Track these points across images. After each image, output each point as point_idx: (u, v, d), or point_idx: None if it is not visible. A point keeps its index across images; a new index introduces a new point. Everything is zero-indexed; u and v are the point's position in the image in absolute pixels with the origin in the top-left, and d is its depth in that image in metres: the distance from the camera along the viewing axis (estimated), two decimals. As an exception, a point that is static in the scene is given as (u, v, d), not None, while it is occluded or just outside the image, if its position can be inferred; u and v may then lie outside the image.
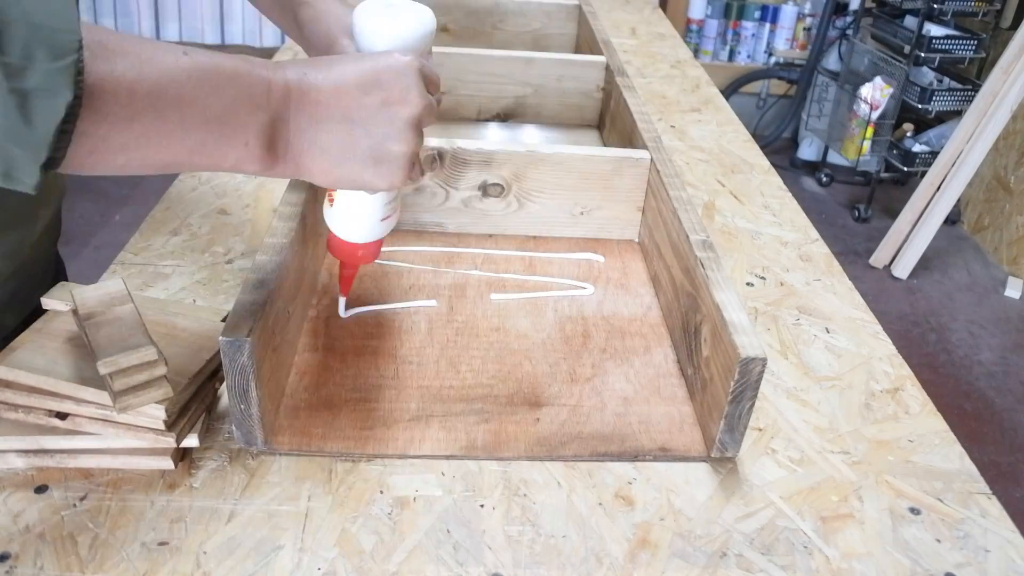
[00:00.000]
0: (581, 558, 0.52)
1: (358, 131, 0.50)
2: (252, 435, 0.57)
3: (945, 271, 2.68)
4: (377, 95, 0.50)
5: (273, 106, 0.48)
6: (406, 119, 0.51)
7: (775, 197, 1.01)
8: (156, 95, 0.42)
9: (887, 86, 2.78)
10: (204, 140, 0.45)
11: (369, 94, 0.50)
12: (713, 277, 0.63)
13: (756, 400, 0.57)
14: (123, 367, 0.53)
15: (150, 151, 0.44)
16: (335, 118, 0.50)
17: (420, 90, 0.52)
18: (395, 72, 0.51)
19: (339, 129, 0.50)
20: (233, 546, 0.51)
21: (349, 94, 0.50)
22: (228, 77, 0.46)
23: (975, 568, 0.53)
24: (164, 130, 0.43)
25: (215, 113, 0.45)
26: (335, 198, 0.61)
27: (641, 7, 1.80)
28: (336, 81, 0.50)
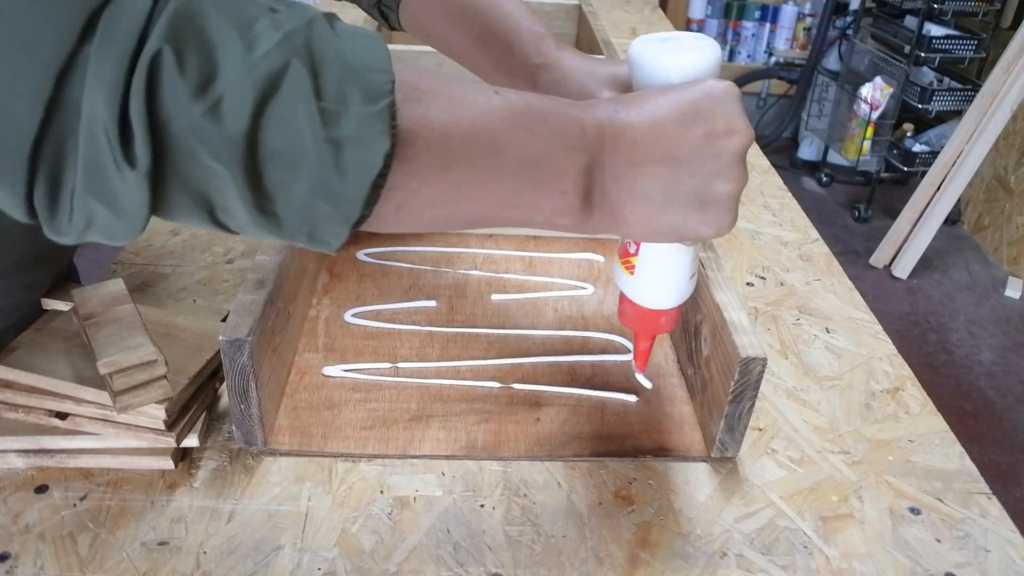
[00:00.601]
0: (581, 558, 0.52)
1: (682, 171, 0.43)
2: (252, 435, 0.57)
3: (945, 271, 2.68)
4: (700, 127, 0.43)
5: (589, 148, 0.42)
6: (734, 152, 0.43)
7: (775, 197, 1.01)
8: (471, 140, 0.38)
9: (887, 86, 2.78)
10: (519, 189, 0.41)
11: (690, 128, 0.43)
12: (713, 277, 0.63)
13: (756, 400, 0.57)
14: (123, 367, 0.53)
15: (461, 204, 0.40)
16: (655, 158, 0.43)
17: (744, 117, 0.44)
18: (716, 100, 0.44)
19: (660, 171, 0.43)
20: (233, 546, 0.51)
21: (668, 130, 0.43)
22: (541, 117, 0.41)
23: (975, 568, 0.53)
24: (478, 180, 0.39)
25: (531, 158, 0.40)
26: (637, 263, 0.52)
27: (641, 7, 1.80)
28: (652, 117, 0.43)
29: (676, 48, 0.48)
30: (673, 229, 0.45)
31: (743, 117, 0.44)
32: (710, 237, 0.45)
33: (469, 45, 0.65)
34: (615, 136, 0.43)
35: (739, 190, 0.44)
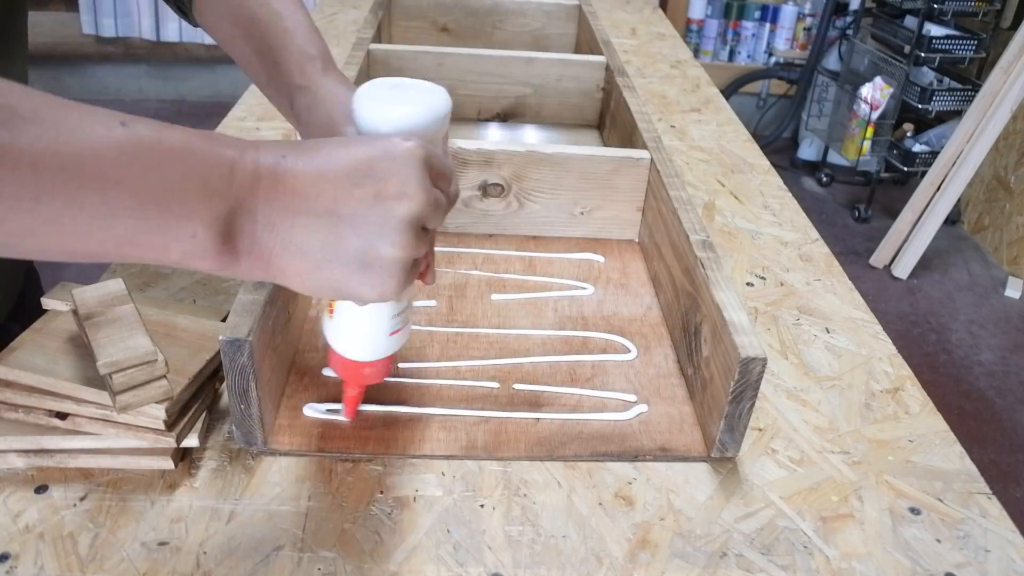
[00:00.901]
0: (581, 558, 0.52)
1: (344, 229, 0.42)
2: (252, 435, 0.57)
3: (945, 271, 2.68)
4: (369, 187, 0.42)
5: (235, 192, 0.40)
6: (402, 217, 0.42)
7: (775, 197, 1.01)
8: (72, 172, 0.35)
9: (887, 86, 2.78)
10: (137, 228, 0.38)
11: (360, 185, 0.42)
12: (713, 277, 0.63)
13: (756, 400, 0.57)
14: (123, 367, 0.53)
15: (66, 239, 0.37)
16: (316, 211, 0.41)
17: (422, 182, 0.43)
18: (393, 160, 0.42)
19: (320, 225, 0.42)
20: (233, 546, 0.51)
21: (335, 184, 0.41)
22: (175, 155, 0.38)
23: (975, 568, 0.53)
24: (81, 215, 0.36)
25: (152, 197, 0.37)
26: (334, 308, 0.52)
27: (641, 7, 1.80)
28: (321, 167, 0.42)
29: (394, 98, 0.47)
30: (333, 287, 0.43)
31: (419, 182, 0.42)
32: (373, 300, 0.44)
33: (249, 54, 0.64)
34: (273, 182, 0.41)
35: (406, 257, 0.43)
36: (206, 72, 3.42)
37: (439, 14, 1.43)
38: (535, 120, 1.18)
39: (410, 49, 1.13)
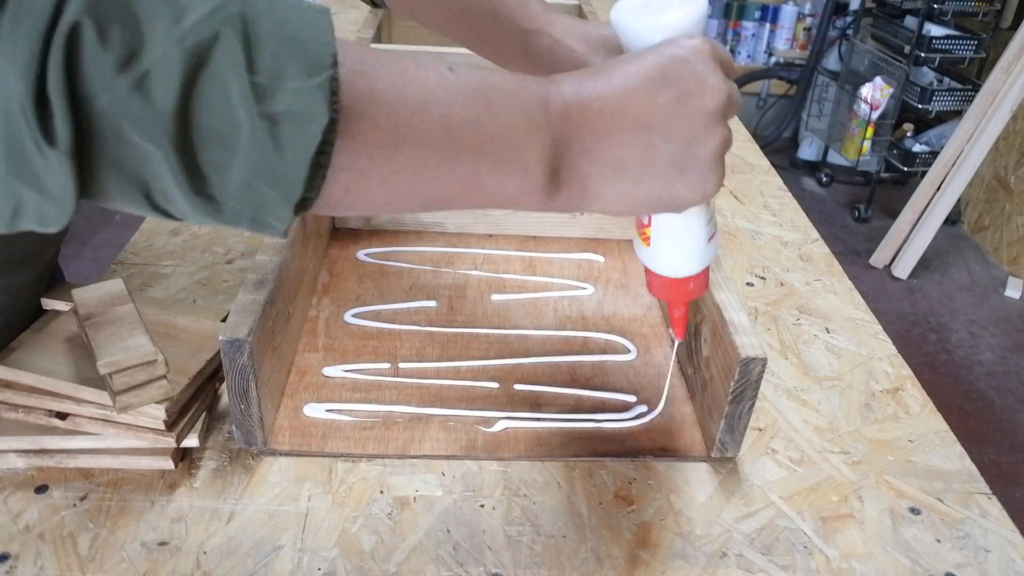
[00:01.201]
0: (581, 558, 0.52)
1: (656, 138, 0.42)
2: (252, 435, 0.57)
3: (945, 271, 2.68)
4: (670, 91, 0.41)
5: (552, 124, 0.41)
6: (710, 112, 0.42)
7: (775, 197, 1.01)
8: (422, 117, 0.36)
9: (887, 86, 2.78)
10: (477, 168, 0.39)
11: (660, 92, 0.41)
12: (713, 277, 0.63)
13: (756, 400, 0.57)
14: (123, 367, 0.53)
15: (416, 185, 0.38)
16: (626, 128, 0.41)
17: (718, 74, 0.42)
18: (685, 60, 0.42)
19: (633, 140, 0.42)
20: (233, 546, 0.51)
21: (636, 97, 0.41)
22: (500, 93, 0.39)
23: (975, 568, 0.53)
24: (432, 159, 0.37)
25: (488, 135, 0.38)
26: (651, 233, 0.51)
27: (641, 7, 1.80)
28: (619, 86, 0.42)
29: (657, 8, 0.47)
30: (655, 199, 0.43)
31: (716, 74, 0.42)
32: (697, 202, 0.44)
33: (453, 17, 0.63)
34: (580, 109, 0.41)
35: (721, 148, 0.43)
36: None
37: (439, 14, 1.43)
38: (535, 120, 1.18)
39: (410, 49, 1.13)
